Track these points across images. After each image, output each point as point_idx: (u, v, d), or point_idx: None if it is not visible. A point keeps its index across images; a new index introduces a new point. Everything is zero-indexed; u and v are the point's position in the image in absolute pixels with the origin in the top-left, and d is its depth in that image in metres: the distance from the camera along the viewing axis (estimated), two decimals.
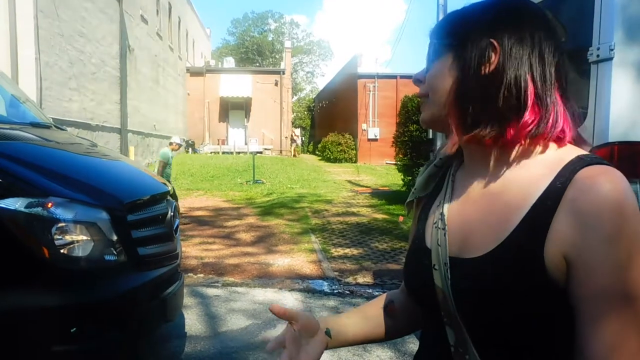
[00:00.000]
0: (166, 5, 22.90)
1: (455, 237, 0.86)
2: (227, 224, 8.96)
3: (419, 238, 0.94)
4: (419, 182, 1.01)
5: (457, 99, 0.82)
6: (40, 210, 2.38)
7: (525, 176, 0.80)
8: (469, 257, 0.82)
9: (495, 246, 0.78)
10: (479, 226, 0.83)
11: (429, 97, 0.87)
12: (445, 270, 0.83)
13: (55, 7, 10.93)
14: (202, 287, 5.21)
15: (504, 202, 0.80)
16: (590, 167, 0.74)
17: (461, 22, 0.85)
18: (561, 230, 0.72)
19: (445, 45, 0.85)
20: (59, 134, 3.63)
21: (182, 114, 25.91)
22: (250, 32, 59.80)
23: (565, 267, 0.72)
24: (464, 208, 0.87)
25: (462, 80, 0.81)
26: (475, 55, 0.80)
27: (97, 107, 13.62)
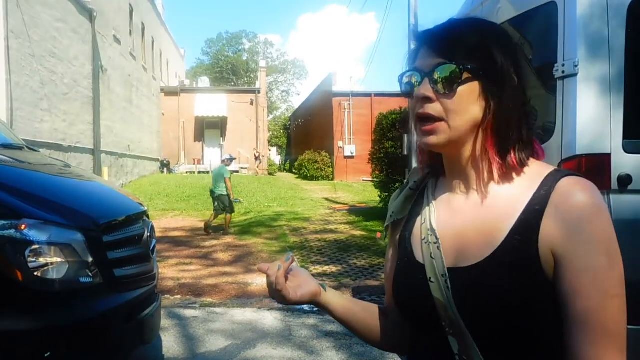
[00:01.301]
0: (139, 25, 22.83)
1: (449, 249, 0.90)
2: (204, 244, 8.87)
3: (407, 256, 0.97)
4: (396, 205, 1.05)
5: (497, 126, 0.86)
6: (14, 233, 2.34)
7: (513, 188, 0.88)
8: (467, 265, 0.86)
9: (492, 251, 0.84)
10: (472, 236, 0.88)
11: (443, 122, 0.85)
12: (444, 281, 0.87)
13: (26, 27, 10.81)
14: (180, 308, 5.13)
15: (495, 211, 0.87)
16: (569, 177, 0.84)
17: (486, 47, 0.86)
18: (549, 230, 0.81)
19: (473, 72, 0.84)
20: (31, 155, 3.58)
21: (156, 134, 25.69)
22: (225, 52, 59.92)
23: (553, 264, 0.81)
24: (453, 221, 0.92)
25: (500, 112, 0.86)
26: (509, 89, 0.86)
27: (69, 127, 13.42)
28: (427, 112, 0.86)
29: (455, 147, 0.89)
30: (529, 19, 3.14)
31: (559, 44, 2.81)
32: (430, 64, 0.86)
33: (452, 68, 0.84)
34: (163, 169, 25.71)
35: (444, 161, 0.96)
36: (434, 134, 0.87)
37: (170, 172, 25.99)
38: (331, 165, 25.73)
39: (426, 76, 0.86)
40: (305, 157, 26.22)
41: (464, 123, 0.86)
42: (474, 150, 0.89)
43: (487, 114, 0.86)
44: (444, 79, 0.84)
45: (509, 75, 0.86)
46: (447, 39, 0.87)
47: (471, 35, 0.88)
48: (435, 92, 0.85)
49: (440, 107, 0.85)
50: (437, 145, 0.88)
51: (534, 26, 3.17)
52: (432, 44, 0.88)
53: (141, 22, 23.12)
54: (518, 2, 3.25)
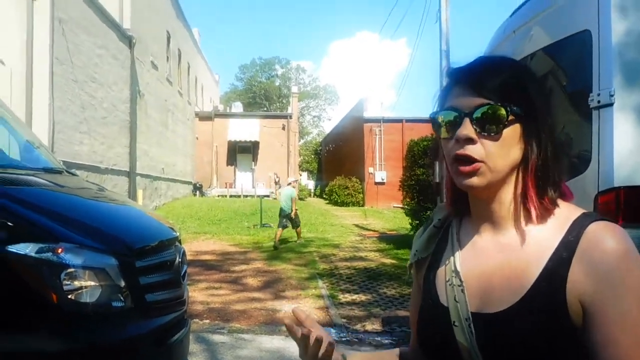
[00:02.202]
0: (176, 51, 23.53)
1: (474, 293, 0.88)
2: (234, 268, 8.90)
3: (432, 297, 0.95)
4: (420, 243, 1.03)
5: (537, 168, 0.85)
6: (51, 256, 2.40)
7: (540, 232, 0.85)
8: (492, 311, 0.84)
9: (519, 299, 0.82)
10: (498, 280, 0.86)
11: (484, 164, 0.83)
12: (467, 325, 0.85)
13: (70, 54, 11.27)
14: (208, 333, 5.14)
15: (522, 256, 0.85)
16: (597, 222, 0.82)
17: (527, 89, 0.85)
18: (577, 279, 0.79)
19: (517, 115, 0.83)
20: (69, 179, 3.69)
21: (190, 157, 26.19)
22: (258, 78, 61.06)
23: (582, 313, 0.78)
24: (478, 264, 0.90)
25: (541, 155, 0.85)
26: (549, 132, 0.86)
27: (107, 150, 13.81)
28: (468, 154, 0.83)
29: (493, 189, 0.87)
30: (563, 47, 3.11)
31: (594, 73, 2.77)
32: (471, 104, 0.84)
33: (498, 109, 0.82)
34: (195, 192, 26.10)
35: (470, 201, 0.93)
36: (476, 175, 0.84)
37: (203, 195, 26.37)
38: (362, 191, 25.66)
39: (466, 116, 0.84)
40: (335, 183, 26.24)
41: (505, 166, 0.84)
42: (514, 192, 0.87)
43: (527, 155, 0.85)
44: (488, 120, 0.82)
45: (547, 117, 0.86)
46: (487, 79, 0.85)
47: (510, 76, 0.86)
48: (477, 133, 0.83)
49: (481, 148, 0.83)
50: (478, 187, 0.85)
51: (567, 54, 3.13)
52: (470, 82, 0.86)
53: (178, 48, 23.83)
54: (552, 30, 3.22)
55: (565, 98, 3.12)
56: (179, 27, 24.10)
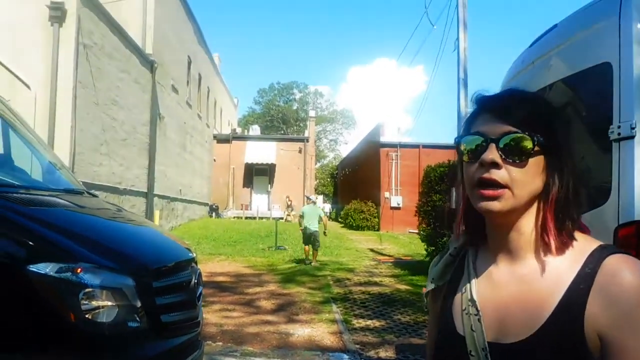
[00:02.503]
0: (196, 76, 23.97)
1: (490, 322, 0.89)
2: (248, 290, 8.89)
3: (448, 326, 0.96)
4: (436, 271, 1.05)
5: (559, 200, 0.87)
6: (70, 275, 2.44)
7: (557, 263, 0.87)
8: (509, 342, 0.85)
9: (536, 329, 0.83)
10: (515, 311, 0.87)
11: (508, 189, 0.85)
12: (484, 355, 0.86)
13: (93, 78, 11.56)
14: (221, 355, 5.12)
15: (539, 287, 0.86)
16: (615, 255, 0.83)
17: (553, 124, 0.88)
18: (595, 311, 0.79)
19: (543, 146, 0.86)
20: (89, 199, 3.76)
21: (207, 179, 26.43)
22: (276, 101, 61.76)
23: (599, 345, 0.79)
24: (495, 293, 0.91)
25: (562, 188, 0.87)
26: (570, 167, 0.88)
27: (126, 171, 14.02)
28: (493, 178, 0.85)
29: (511, 217, 0.89)
30: (582, 79, 3.11)
31: (614, 105, 2.76)
32: (498, 131, 0.87)
33: (525, 139, 0.85)
34: (212, 214, 26.26)
35: (487, 230, 0.95)
36: (498, 200, 0.86)
37: (219, 216, 26.51)
38: (377, 216, 25.56)
39: (493, 142, 0.86)
40: (351, 207, 26.20)
41: (526, 193, 0.86)
42: (534, 222, 0.89)
43: (548, 187, 0.87)
44: (515, 148, 0.85)
45: (569, 151, 0.88)
46: (514, 108, 0.88)
47: (536, 108, 0.89)
48: (503, 159, 0.85)
49: (506, 174, 0.85)
50: (500, 212, 0.86)
51: (587, 86, 3.13)
52: (498, 111, 0.89)
53: (198, 73, 24.29)
54: (571, 62, 3.23)
55: (584, 129, 3.11)
56: (200, 52, 24.61)
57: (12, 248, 2.48)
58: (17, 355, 2.37)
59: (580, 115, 3.26)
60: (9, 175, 3.40)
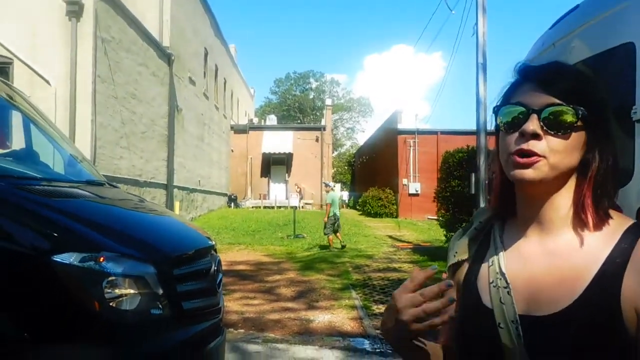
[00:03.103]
0: (213, 67, 24.06)
1: (520, 295, 0.88)
2: (268, 278, 8.98)
3: (474, 299, 0.95)
4: (460, 245, 1.03)
5: (598, 176, 0.87)
6: (93, 264, 2.50)
7: (592, 239, 0.86)
8: (541, 314, 0.85)
9: (571, 302, 0.82)
10: (548, 284, 0.86)
11: (544, 159, 0.85)
12: (514, 328, 0.85)
13: (112, 72, 11.69)
14: (243, 342, 5.20)
15: (573, 262, 0.85)
16: None
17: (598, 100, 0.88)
18: (631, 286, 0.78)
19: (586, 120, 0.85)
20: (110, 191, 3.83)
21: (225, 170, 26.62)
22: (292, 91, 61.72)
23: (636, 320, 0.78)
24: (525, 267, 0.90)
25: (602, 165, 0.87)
26: (611, 144, 0.88)
27: (146, 164, 14.20)
28: (532, 149, 0.85)
29: (546, 189, 0.88)
30: (605, 59, 3.06)
31: (637, 86, 2.71)
32: (540, 101, 0.86)
33: (569, 111, 0.84)
34: (230, 204, 26.48)
35: (519, 202, 0.94)
36: (532, 167, 0.85)
37: (237, 206, 26.71)
38: (395, 203, 25.50)
39: (535, 113, 0.85)
40: (369, 194, 26.18)
41: (563, 166, 0.86)
42: (573, 197, 0.88)
43: (587, 163, 0.86)
44: (557, 120, 0.84)
45: (611, 131, 0.88)
46: (558, 80, 0.87)
47: (580, 81, 0.88)
48: (544, 131, 0.85)
49: (545, 145, 0.84)
50: (532, 180, 0.85)
51: (610, 66, 3.07)
52: (541, 81, 0.88)
53: (215, 64, 24.37)
54: (593, 42, 3.17)
55: None
56: (216, 44, 24.67)
57: (36, 239, 2.54)
58: (45, 343, 2.44)
59: None
60: (31, 168, 3.47)
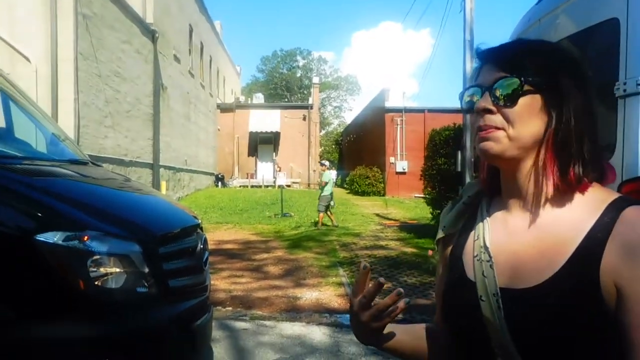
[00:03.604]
0: (198, 45, 23.71)
1: (502, 268, 0.88)
2: (256, 257, 9.02)
3: (458, 272, 0.96)
4: (449, 219, 1.04)
5: (557, 144, 0.86)
6: (77, 244, 2.48)
7: (574, 212, 0.86)
8: (522, 287, 0.85)
9: (551, 275, 0.82)
10: (529, 257, 0.86)
11: (502, 130, 0.86)
12: (495, 300, 0.86)
13: (94, 49, 11.47)
14: (231, 320, 5.24)
15: (555, 235, 0.85)
16: (636, 206, 0.81)
17: (550, 64, 0.87)
18: (611, 260, 0.78)
19: (534, 85, 0.85)
20: (95, 169, 3.79)
21: (212, 149, 26.46)
22: (279, 69, 61.15)
23: (615, 295, 0.78)
24: (508, 240, 0.91)
25: (561, 127, 0.85)
26: (572, 105, 0.85)
27: (131, 143, 14.05)
28: (487, 124, 0.87)
29: (514, 161, 0.88)
30: (590, 35, 3.06)
31: (621, 62, 2.72)
32: (492, 78, 0.87)
33: (513, 80, 0.85)
34: (217, 183, 26.40)
35: (501, 179, 0.95)
36: (493, 140, 0.86)
37: (225, 185, 26.65)
38: (382, 181, 25.60)
39: (487, 90, 0.87)
40: (356, 173, 26.23)
41: (524, 135, 0.85)
42: (534, 165, 0.88)
43: (548, 128, 0.86)
44: (505, 91, 0.85)
45: (572, 91, 0.86)
46: (510, 55, 0.88)
47: (535, 51, 0.89)
48: (496, 105, 0.86)
49: (500, 118, 0.86)
50: (493, 154, 0.87)
51: (594, 42, 3.08)
52: (494, 60, 0.89)
53: (200, 41, 24.01)
54: (578, 19, 3.17)
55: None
56: (201, 20, 24.26)
57: (19, 219, 2.52)
58: (32, 323, 2.43)
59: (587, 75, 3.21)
60: (12, 147, 3.42)
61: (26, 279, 2.46)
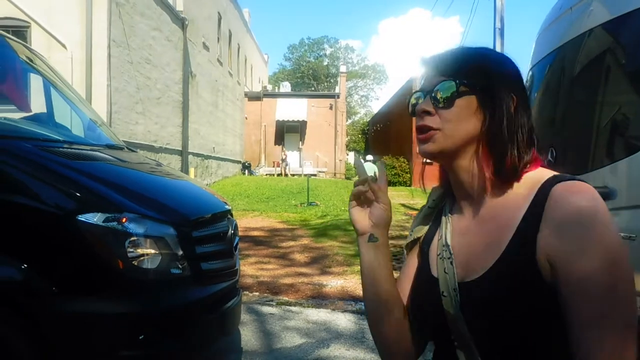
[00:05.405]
0: (227, 32, 23.85)
1: (460, 263, 0.94)
2: (282, 244, 9.12)
3: (425, 270, 1.02)
4: (416, 224, 1.11)
5: (491, 140, 0.91)
6: (116, 225, 2.58)
7: (512, 198, 0.90)
8: (472, 278, 0.90)
9: (492, 264, 0.87)
10: (478, 249, 0.92)
11: (440, 131, 0.92)
12: (454, 295, 0.91)
13: (126, 36, 11.68)
14: (258, 304, 5.34)
15: (497, 224, 0.90)
16: (565, 182, 0.84)
17: (485, 68, 0.93)
18: (544, 237, 0.82)
19: (470, 87, 0.91)
20: (130, 154, 3.90)
21: (239, 137, 26.69)
22: (306, 57, 61.04)
23: (550, 271, 0.81)
24: (464, 236, 0.96)
25: (494, 125, 0.91)
26: (504, 105, 0.91)
27: (161, 130, 14.29)
28: (425, 124, 0.93)
29: (453, 158, 0.94)
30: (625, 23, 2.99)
31: None
32: (433, 82, 0.94)
33: (451, 83, 0.91)
34: (244, 171, 26.65)
35: (451, 180, 1.00)
36: (430, 141, 0.93)
37: (251, 174, 26.88)
38: (409, 171, 25.45)
39: (428, 94, 0.94)
40: None
41: (458, 133, 0.91)
42: (473, 162, 0.93)
43: (483, 126, 0.91)
44: (444, 94, 0.91)
45: (504, 91, 0.91)
46: (448, 61, 0.95)
47: (470, 56, 0.95)
48: (435, 107, 0.92)
49: (438, 119, 0.92)
50: (431, 152, 0.94)
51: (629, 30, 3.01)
52: (435, 66, 0.96)
53: (228, 29, 24.14)
54: (613, 5, 3.10)
55: (624, 77, 3.01)
56: (229, 8, 24.38)
57: (61, 199, 2.63)
58: (72, 298, 2.55)
59: (620, 63, 3.15)
60: (53, 131, 3.55)
61: (67, 257, 2.58)
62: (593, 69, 3.14)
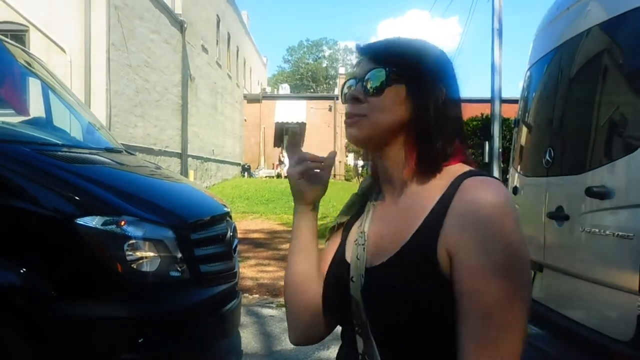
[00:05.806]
0: (225, 35, 23.86)
1: (370, 250, 0.94)
2: (282, 246, 9.12)
3: (340, 255, 1.03)
4: (342, 209, 1.11)
5: (417, 131, 0.92)
6: (115, 228, 2.59)
7: (428, 189, 0.90)
8: (377, 264, 0.90)
9: (397, 251, 0.87)
10: (388, 236, 0.92)
11: (366, 117, 0.92)
12: (362, 280, 0.90)
13: (125, 40, 11.68)
14: (258, 307, 5.34)
15: (410, 214, 0.90)
16: (475, 177, 0.85)
17: (416, 58, 0.93)
18: (447, 230, 0.82)
19: (399, 76, 0.91)
20: (128, 157, 3.91)
21: (238, 139, 26.68)
22: (305, 59, 61.12)
23: (449, 262, 0.81)
24: (381, 224, 0.96)
25: (421, 115, 0.91)
26: (432, 96, 0.91)
27: (160, 132, 14.29)
28: (354, 112, 0.93)
29: (379, 146, 0.94)
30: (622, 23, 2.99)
31: None
32: (365, 70, 0.94)
33: (381, 72, 0.91)
34: (244, 173, 26.63)
35: (377, 168, 1.01)
36: (357, 127, 0.93)
37: (251, 176, 26.86)
38: None
39: (360, 81, 0.94)
40: None
41: (385, 122, 0.91)
42: (398, 151, 0.93)
43: (410, 116, 0.91)
44: (374, 81, 0.92)
45: (433, 83, 0.91)
46: (381, 50, 0.95)
47: (402, 46, 0.96)
48: (365, 94, 0.92)
49: (366, 106, 0.92)
50: (357, 138, 0.94)
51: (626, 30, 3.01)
52: (369, 54, 0.96)
53: (227, 32, 24.15)
54: (610, 5, 3.10)
55: (621, 77, 3.01)
56: (228, 10, 24.39)
57: (60, 203, 2.63)
58: (71, 301, 2.55)
59: (618, 63, 3.15)
60: (52, 135, 3.55)
61: (66, 260, 2.59)
62: (591, 69, 3.14)
